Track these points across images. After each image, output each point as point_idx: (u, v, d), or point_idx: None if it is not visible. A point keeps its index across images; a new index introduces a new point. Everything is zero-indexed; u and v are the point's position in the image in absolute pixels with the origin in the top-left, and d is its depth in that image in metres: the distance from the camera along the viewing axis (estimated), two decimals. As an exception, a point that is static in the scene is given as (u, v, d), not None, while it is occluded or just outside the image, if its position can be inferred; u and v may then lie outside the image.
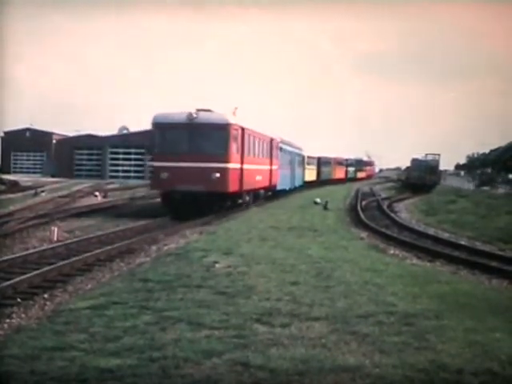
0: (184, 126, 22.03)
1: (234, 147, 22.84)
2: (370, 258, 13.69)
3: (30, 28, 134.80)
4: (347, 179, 75.22)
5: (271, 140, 31.00)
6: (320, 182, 56.69)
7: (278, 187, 33.87)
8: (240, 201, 25.48)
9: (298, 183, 43.39)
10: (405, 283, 10.48)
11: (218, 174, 21.87)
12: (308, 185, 49.68)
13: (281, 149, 34.61)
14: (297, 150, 43.02)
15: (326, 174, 62.11)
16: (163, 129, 22.46)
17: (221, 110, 23.70)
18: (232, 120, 23.05)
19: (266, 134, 29.98)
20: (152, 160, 23.83)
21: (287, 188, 38.09)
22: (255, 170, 26.86)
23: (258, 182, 27.78)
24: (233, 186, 22.97)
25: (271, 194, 32.82)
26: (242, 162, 23.94)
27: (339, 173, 71.52)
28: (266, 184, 30.13)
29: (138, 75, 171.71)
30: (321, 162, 59.45)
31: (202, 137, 21.91)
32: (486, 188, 56.42)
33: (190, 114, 22.17)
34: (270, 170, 30.86)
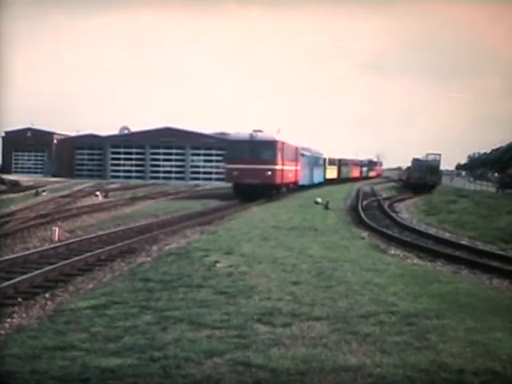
0: (248, 142, 33.61)
1: (278, 155, 34.28)
2: (370, 257, 13.68)
3: (30, 27, 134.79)
4: (362, 177, 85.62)
5: (296, 148, 41.93)
6: (340, 180, 67.65)
7: (300, 183, 44.45)
8: (280, 191, 36.63)
9: (316, 180, 53.09)
10: (406, 283, 10.48)
11: (269, 172, 33.32)
12: (330, 182, 59.63)
13: (302, 154, 45.32)
14: (315, 154, 54.01)
15: (345, 172, 73.48)
16: (235, 143, 34.29)
17: (269, 131, 35.38)
18: (277, 137, 34.81)
19: (293, 143, 40.25)
20: (227, 163, 35.85)
21: (306, 183, 47.71)
22: (289, 170, 38.05)
23: (289, 178, 38.83)
24: (278, 180, 34.53)
25: (296, 187, 42.92)
26: (282, 165, 35.14)
27: (355, 172, 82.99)
28: (293, 180, 40.93)
29: (138, 74, 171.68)
30: (341, 163, 70.65)
31: (259, 148, 33.54)
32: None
33: (251, 134, 33.76)
34: (296, 170, 41.67)
